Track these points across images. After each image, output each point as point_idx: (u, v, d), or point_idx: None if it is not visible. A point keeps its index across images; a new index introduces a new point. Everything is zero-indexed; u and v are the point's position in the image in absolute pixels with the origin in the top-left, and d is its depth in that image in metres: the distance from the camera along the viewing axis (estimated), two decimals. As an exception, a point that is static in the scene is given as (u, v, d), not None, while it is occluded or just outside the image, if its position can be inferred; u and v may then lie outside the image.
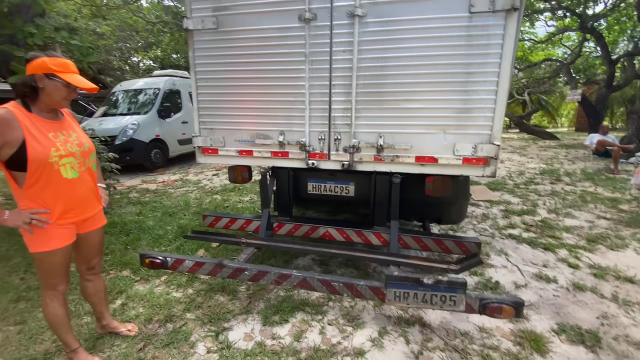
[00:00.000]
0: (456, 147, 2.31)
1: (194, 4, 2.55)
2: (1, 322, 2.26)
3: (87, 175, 1.70)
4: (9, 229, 3.82)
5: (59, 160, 1.53)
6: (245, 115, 2.66)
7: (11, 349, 2.00)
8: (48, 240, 1.57)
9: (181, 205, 4.82)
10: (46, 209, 1.54)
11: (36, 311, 2.38)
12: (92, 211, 1.75)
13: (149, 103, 8.13)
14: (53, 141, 1.53)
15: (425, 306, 1.84)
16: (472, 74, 2.17)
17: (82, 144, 1.66)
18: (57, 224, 1.58)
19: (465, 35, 2.12)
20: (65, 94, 1.57)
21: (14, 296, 2.54)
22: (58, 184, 1.55)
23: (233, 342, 2.07)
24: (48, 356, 1.95)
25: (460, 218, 2.98)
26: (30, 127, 1.48)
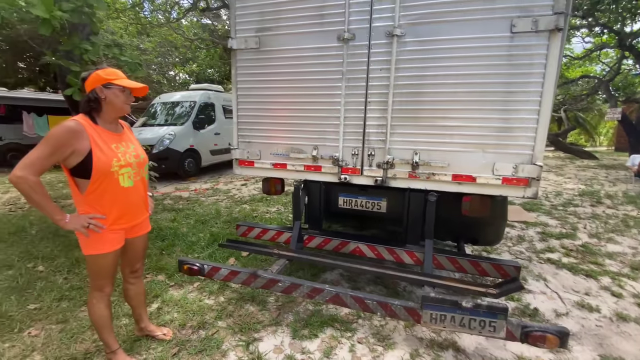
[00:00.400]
0: (496, 167, 2.26)
1: (239, 25, 2.69)
2: (44, 320, 2.40)
3: (140, 185, 1.81)
4: (54, 231, 4.09)
5: (119, 170, 1.65)
6: (281, 130, 2.74)
7: (53, 347, 2.11)
8: (101, 244, 1.67)
9: (212, 214, 4.96)
10: (102, 214, 1.65)
11: (77, 311, 2.51)
12: (141, 218, 1.86)
13: (185, 115, 8.55)
14: (115, 152, 1.65)
15: (463, 330, 1.77)
16: (514, 93, 2.13)
17: (139, 155, 1.78)
18: (110, 229, 1.69)
19: (506, 55, 2.10)
20: (124, 99, 1.69)
21: (57, 295, 2.70)
22: (115, 191, 1.66)
23: (263, 353, 2.08)
24: (88, 356, 2.04)
25: (498, 239, 2.86)
26: (97, 138, 1.61)
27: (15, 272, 3.05)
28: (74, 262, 3.26)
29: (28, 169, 1.48)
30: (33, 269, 3.12)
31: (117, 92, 1.65)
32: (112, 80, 1.64)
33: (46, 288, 2.78)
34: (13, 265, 3.19)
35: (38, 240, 3.84)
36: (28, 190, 1.48)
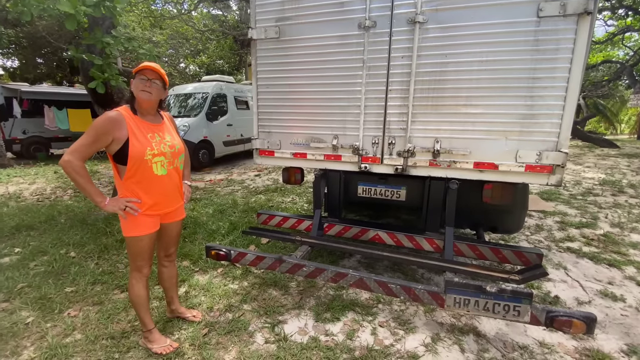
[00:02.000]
0: (519, 154, 2.25)
1: (259, 15, 2.71)
2: (81, 302, 2.54)
3: (175, 173, 1.89)
4: (81, 219, 4.27)
5: (152, 159, 1.73)
6: (301, 119, 2.77)
7: (91, 326, 2.24)
8: (137, 227, 1.77)
9: (230, 204, 5.07)
10: (138, 199, 1.74)
11: (111, 293, 2.65)
12: (175, 205, 1.94)
13: (198, 106, 8.65)
14: (150, 141, 1.73)
15: (487, 314, 1.81)
16: (539, 79, 2.11)
17: (174, 146, 1.85)
18: (145, 214, 1.78)
19: (532, 40, 2.07)
20: (139, 86, 1.71)
21: (90, 279, 2.84)
22: (150, 179, 1.75)
23: (289, 334, 2.17)
24: (125, 335, 2.16)
25: (518, 227, 2.86)
26: (134, 127, 1.69)
27: (50, 257, 3.21)
28: (103, 249, 3.41)
29: (74, 154, 1.60)
30: (66, 255, 3.28)
31: (136, 80, 1.73)
32: (134, 71, 1.73)
33: (80, 272, 2.93)
34: (47, 251, 3.36)
35: (67, 228, 4.02)
36: (73, 173, 1.60)
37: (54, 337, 2.10)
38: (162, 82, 1.79)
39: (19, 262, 3.12)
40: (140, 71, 1.72)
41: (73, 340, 2.10)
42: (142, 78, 1.71)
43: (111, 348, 2.02)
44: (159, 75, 1.76)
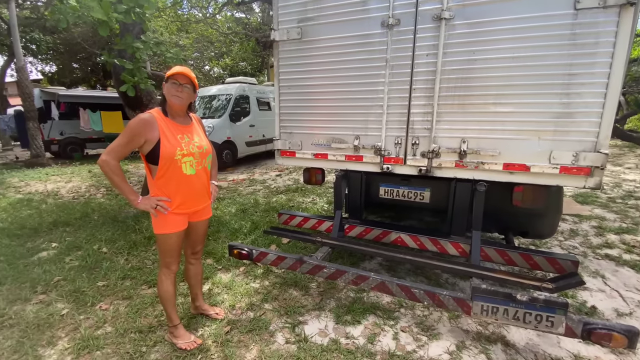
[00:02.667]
0: (553, 155, 2.12)
1: (281, 17, 2.73)
2: (112, 296, 2.65)
3: (203, 173, 1.94)
4: (113, 217, 4.47)
5: (182, 159, 1.79)
6: (323, 120, 2.76)
7: (121, 320, 2.34)
8: (167, 225, 1.84)
9: (252, 203, 5.15)
10: (168, 198, 1.81)
11: (139, 289, 2.75)
12: (202, 204, 2.00)
13: (222, 108, 8.85)
14: (179, 142, 1.79)
15: (517, 324, 1.72)
16: (576, 76, 1.98)
17: (202, 147, 1.90)
18: (174, 212, 1.84)
19: (568, 33, 1.95)
20: (171, 90, 1.78)
21: (120, 274, 2.96)
22: (179, 178, 1.81)
23: (309, 335, 2.16)
24: (152, 329, 2.23)
25: (551, 232, 2.70)
26: (165, 129, 1.77)
27: (84, 252, 3.38)
28: (132, 245, 3.55)
29: (110, 154, 1.71)
30: (98, 251, 3.44)
31: (167, 84, 1.80)
32: (167, 76, 1.80)
33: (111, 268, 3.06)
34: (81, 246, 3.55)
35: (100, 224, 4.23)
36: (109, 172, 1.71)
37: (87, 329, 2.21)
38: (192, 86, 1.85)
39: (56, 257, 3.31)
40: (172, 76, 1.78)
41: (104, 332, 2.20)
42: (174, 82, 1.78)
43: (139, 341, 2.10)
44: (190, 80, 1.82)
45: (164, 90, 1.81)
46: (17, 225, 4.26)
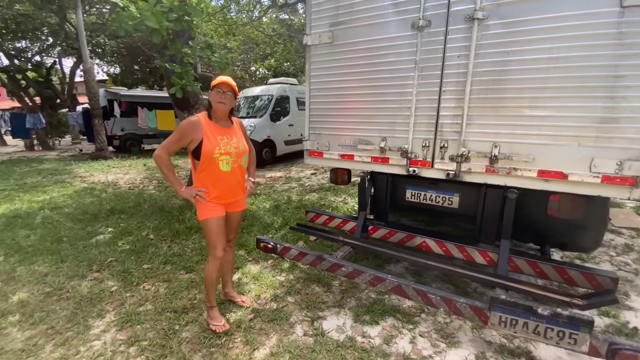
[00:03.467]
0: (594, 163, 1.97)
1: (314, 22, 2.82)
2: (154, 278, 2.95)
3: (238, 171, 2.14)
4: (160, 207, 4.90)
5: (219, 157, 2.00)
6: (350, 121, 2.81)
7: (160, 300, 2.59)
8: (208, 212, 2.07)
9: (285, 200, 5.34)
10: (206, 189, 2.05)
11: (178, 273, 3.02)
12: (237, 197, 2.21)
13: (264, 108, 9.22)
14: (219, 142, 2.01)
15: (537, 339, 1.64)
16: (622, 78, 1.82)
17: (238, 147, 2.10)
18: (212, 202, 2.07)
19: (613, 33, 1.79)
20: (216, 97, 2.01)
21: (163, 259, 3.27)
22: (216, 173, 2.03)
23: (326, 331, 2.23)
24: (185, 310, 2.46)
25: (593, 246, 2.49)
26: (208, 130, 2.00)
27: (134, 238, 3.78)
28: (175, 234, 3.89)
29: (163, 150, 2.02)
30: (146, 237, 3.82)
31: (212, 92, 2.04)
32: (212, 85, 2.04)
33: (155, 253, 3.39)
34: (132, 232, 3.96)
35: (149, 213, 4.67)
36: (161, 164, 2.01)
37: (130, 306, 2.49)
38: (234, 93, 2.08)
39: (110, 240, 3.74)
40: (217, 85, 2.02)
41: (145, 309, 2.46)
42: (218, 91, 2.01)
43: (173, 320, 2.33)
44: (231, 88, 2.05)
45: (210, 98, 2.05)
46: (80, 210, 4.86)
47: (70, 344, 2.11)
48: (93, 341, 2.14)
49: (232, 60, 16.37)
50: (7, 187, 6.58)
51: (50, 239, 3.74)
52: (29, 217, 4.59)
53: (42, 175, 7.96)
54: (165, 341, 2.11)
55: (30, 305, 2.52)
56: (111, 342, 2.12)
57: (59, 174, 8.06)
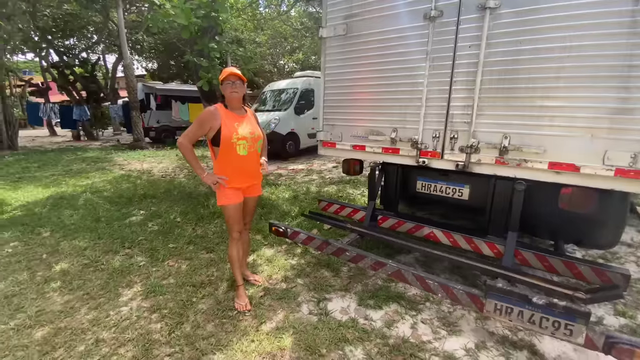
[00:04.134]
0: (607, 155, 1.91)
1: (330, 15, 2.89)
2: (178, 256, 3.20)
3: (254, 155, 2.29)
4: (188, 194, 5.22)
5: (237, 142, 2.16)
6: (363, 112, 2.87)
7: (181, 276, 2.83)
8: (227, 198, 2.24)
9: (304, 191, 5.49)
10: (226, 175, 2.22)
11: (199, 253, 3.26)
12: (253, 181, 2.37)
13: (289, 101, 9.38)
14: (235, 128, 2.17)
15: (532, 328, 1.65)
16: (637, 68, 1.75)
17: (253, 132, 2.26)
18: (231, 187, 2.24)
19: (628, 21, 1.72)
20: (228, 89, 2.17)
21: (187, 240, 3.53)
22: (234, 158, 2.19)
23: (331, 311, 2.35)
24: (203, 285, 2.67)
25: (611, 243, 2.40)
26: (225, 118, 2.16)
27: (162, 220, 4.10)
28: (200, 218, 4.17)
29: (185, 138, 2.18)
30: (173, 220, 4.12)
31: (224, 85, 2.19)
32: (221, 79, 2.20)
33: (180, 234, 3.67)
34: (161, 215, 4.29)
35: (178, 199, 5.01)
36: (184, 151, 2.18)
37: (155, 279, 2.75)
38: (241, 80, 2.22)
39: (141, 222, 4.08)
40: (226, 77, 2.17)
41: (167, 282, 2.71)
42: (228, 82, 2.17)
43: (191, 293, 2.55)
44: (238, 77, 2.20)
45: (222, 90, 2.20)
46: (117, 194, 5.30)
47: (102, 308, 2.39)
48: (121, 307, 2.41)
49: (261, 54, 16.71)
50: (55, 173, 7.29)
51: (90, 219, 4.15)
52: (72, 199, 5.09)
53: (86, 162, 8.69)
54: (183, 310, 2.33)
55: (70, 274, 2.85)
56: (136, 309, 2.38)
57: (101, 162, 8.76)
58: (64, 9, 13.54)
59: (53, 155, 9.97)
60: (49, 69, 15.76)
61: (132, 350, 1.98)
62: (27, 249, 3.37)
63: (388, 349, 2.01)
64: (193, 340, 2.05)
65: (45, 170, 7.57)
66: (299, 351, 1.97)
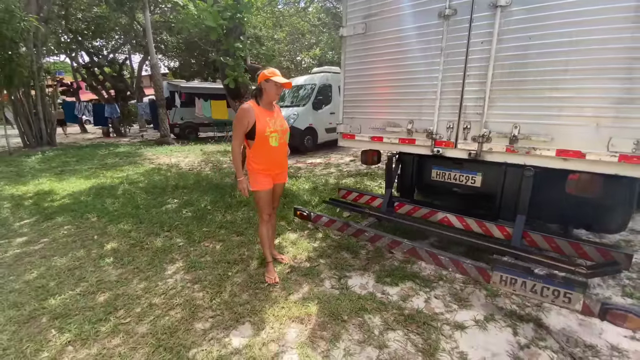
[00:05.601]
0: (612, 142, 2.05)
1: (350, 15, 3.10)
2: (212, 238, 3.53)
3: (283, 146, 2.57)
4: (215, 185, 5.57)
5: (270, 134, 2.42)
6: (381, 106, 3.07)
7: (216, 254, 3.15)
8: (259, 184, 2.52)
9: (323, 183, 5.74)
10: (259, 163, 2.48)
11: (231, 236, 3.58)
12: (282, 169, 2.64)
13: (307, 97, 9.62)
14: (268, 122, 2.42)
15: (534, 297, 1.83)
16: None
17: (283, 126, 2.53)
18: (262, 174, 2.51)
19: (632, 16, 1.85)
20: (276, 90, 2.42)
21: (218, 225, 3.86)
22: (267, 148, 2.45)
23: (351, 286, 2.60)
24: (236, 262, 2.98)
25: (619, 227, 2.51)
26: (259, 114, 2.40)
27: (195, 208, 4.46)
28: (228, 206, 4.50)
29: (236, 140, 2.44)
30: (204, 208, 4.48)
31: (272, 85, 2.40)
32: (270, 77, 2.39)
33: (212, 220, 4.01)
34: (193, 203, 4.65)
35: (207, 189, 5.38)
36: (233, 152, 2.45)
37: (194, 257, 3.09)
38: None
39: (176, 209, 4.46)
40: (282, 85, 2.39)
41: (205, 260, 3.04)
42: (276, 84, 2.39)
43: (226, 269, 2.86)
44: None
45: (266, 87, 2.40)
46: (151, 185, 5.74)
47: (151, 280, 2.74)
48: (167, 279, 2.75)
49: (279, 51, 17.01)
50: (92, 166, 7.87)
51: (130, 206, 4.57)
52: (112, 189, 5.56)
53: (119, 157, 9.28)
54: (221, 282, 2.65)
55: (120, 252, 3.23)
56: (180, 280, 2.71)
57: (132, 157, 9.33)
58: (94, 12, 14.31)
59: (88, 150, 10.68)
60: (79, 69, 16.69)
61: (181, 312, 2.30)
62: (79, 231, 3.80)
63: (403, 318, 2.24)
64: (231, 306, 2.35)
65: (84, 164, 8.18)
66: (323, 317, 2.24)
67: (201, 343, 2.03)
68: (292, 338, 2.06)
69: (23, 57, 9.63)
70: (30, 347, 2.03)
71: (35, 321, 2.28)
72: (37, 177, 6.67)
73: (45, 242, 3.53)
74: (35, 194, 5.35)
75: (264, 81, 2.39)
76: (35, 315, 2.34)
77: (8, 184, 6.09)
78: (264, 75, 2.39)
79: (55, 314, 2.32)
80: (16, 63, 9.23)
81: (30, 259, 3.16)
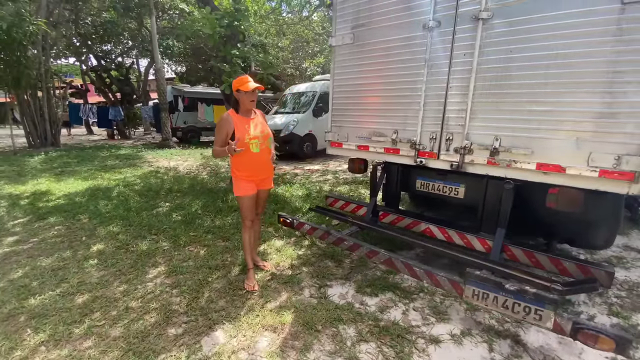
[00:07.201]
0: (592, 157, 2.02)
1: (338, 25, 3.13)
2: (197, 243, 3.53)
3: (266, 152, 2.58)
4: (208, 189, 5.59)
5: (250, 140, 2.45)
6: (367, 115, 3.08)
7: (199, 260, 3.15)
8: (242, 190, 2.55)
9: (317, 190, 5.74)
10: (241, 170, 2.51)
11: (217, 241, 3.58)
12: (265, 175, 2.66)
13: (307, 104, 9.70)
14: (247, 130, 2.46)
15: (505, 312, 1.79)
16: (621, 73, 1.86)
17: (263, 131, 2.56)
18: (246, 180, 2.53)
19: (614, 29, 1.84)
20: (249, 97, 2.46)
21: (206, 229, 3.87)
22: (249, 155, 2.47)
23: (330, 295, 2.58)
24: (218, 268, 2.98)
25: (605, 243, 2.47)
26: (237, 122, 2.45)
27: (185, 212, 4.48)
28: (218, 211, 4.52)
29: (215, 145, 2.50)
30: (195, 212, 4.50)
31: (242, 94, 2.46)
32: (240, 87, 2.44)
33: (200, 224, 4.02)
34: (184, 207, 4.68)
35: (200, 193, 5.41)
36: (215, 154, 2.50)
37: (177, 261, 3.09)
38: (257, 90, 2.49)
39: (167, 212, 4.48)
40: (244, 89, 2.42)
41: (187, 265, 3.04)
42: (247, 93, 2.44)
43: (207, 274, 2.85)
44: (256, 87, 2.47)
45: (236, 95, 2.47)
46: (146, 188, 5.79)
47: (131, 283, 2.74)
48: (147, 283, 2.75)
49: (283, 58, 17.19)
50: (92, 168, 7.96)
51: (122, 208, 4.60)
52: (107, 191, 5.61)
53: (119, 159, 9.39)
54: (200, 287, 2.64)
55: (105, 254, 3.25)
56: (160, 284, 2.71)
57: (132, 159, 9.43)
58: (103, 16, 14.63)
59: (90, 152, 10.82)
60: (87, 72, 17.02)
61: (156, 317, 2.30)
62: (69, 232, 3.83)
63: (378, 330, 2.21)
64: (207, 312, 2.35)
65: (84, 165, 8.29)
66: (297, 326, 2.22)
67: (171, 349, 2.02)
68: (262, 347, 2.05)
69: (31, 60, 9.86)
70: (5, 345, 2.05)
71: (13, 320, 2.30)
72: (36, 177, 6.77)
73: (35, 242, 3.56)
74: (32, 194, 5.43)
75: (236, 92, 2.46)
76: (14, 313, 2.35)
77: (8, 183, 6.19)
78: (235, 86, 2.46)
79: (33, 314, 2.34)
80: (24, 65, 9.45)
81: (18, 258, 3.19)
